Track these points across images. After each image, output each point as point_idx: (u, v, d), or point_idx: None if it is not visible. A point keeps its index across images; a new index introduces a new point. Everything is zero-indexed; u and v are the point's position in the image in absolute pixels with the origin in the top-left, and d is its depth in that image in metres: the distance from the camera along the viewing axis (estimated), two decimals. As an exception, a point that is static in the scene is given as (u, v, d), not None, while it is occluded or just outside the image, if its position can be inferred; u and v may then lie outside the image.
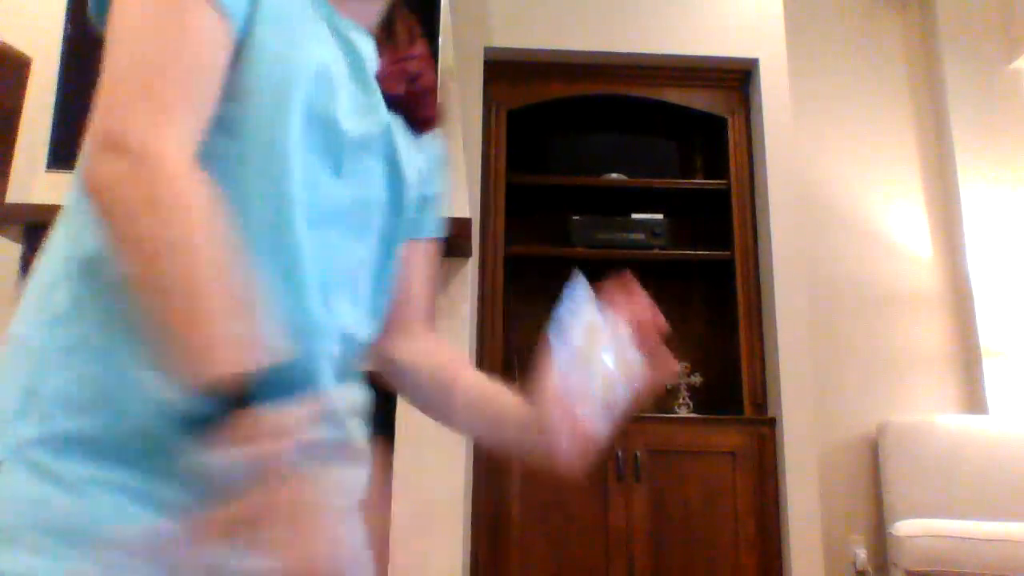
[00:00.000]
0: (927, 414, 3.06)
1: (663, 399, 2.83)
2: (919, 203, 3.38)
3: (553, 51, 2.85)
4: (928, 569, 2.35)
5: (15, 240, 2.40)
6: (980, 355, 3.11)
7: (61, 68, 2.43)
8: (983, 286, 3.17)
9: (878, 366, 3.18)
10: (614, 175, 2.85)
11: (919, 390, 3.16)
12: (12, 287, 2.44)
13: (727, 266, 2.78)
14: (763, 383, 2.66)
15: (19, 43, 2.58)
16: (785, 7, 2.92)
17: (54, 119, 2.40)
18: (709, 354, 2.89)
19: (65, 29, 2.44)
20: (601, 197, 2.96)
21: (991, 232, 3.25)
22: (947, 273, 3.29)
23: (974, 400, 3.13)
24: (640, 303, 0.68)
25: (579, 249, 2.79)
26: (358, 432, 0.69)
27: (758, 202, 2.81)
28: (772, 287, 2.67)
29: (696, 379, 2.77)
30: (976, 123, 3.35)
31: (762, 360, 2.67)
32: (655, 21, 2.89)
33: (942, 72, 3.41)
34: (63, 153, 2.38)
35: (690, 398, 2.76)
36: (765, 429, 2.55)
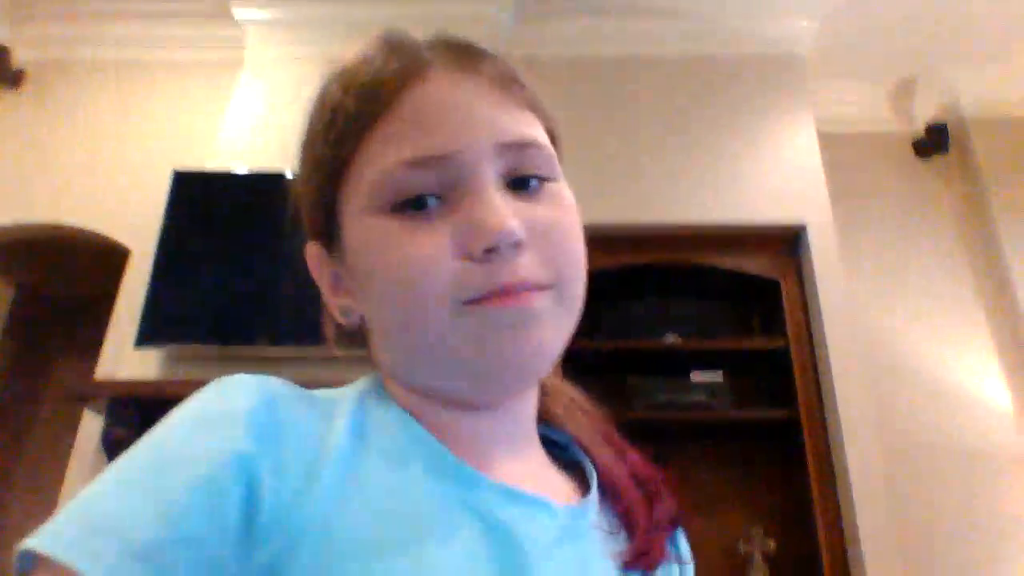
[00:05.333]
0: (1031, 585, 2.80)
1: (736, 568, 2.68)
2: (990, 352, 3.27)
3: (594, 226, 2.85)
4: None
5: (99, 413, 2.47)
6: (1080, 517, 2.88)
7: (156, 256, 2.63)
8: (1071, 441, 2.99)
9: (969, 532, 2.96)
10: (669, 338, 2.87)
11: (1018, 558, 2.91)
12: (91, 458, 2.52)
13: (791, 426, 2.71)
14: (843, 554, 2.49)
15: (121, 236, 2.87)
16: (827, 172, 3.03)
17: (146, 300, 2.54)
18: (779, 519, 2.76)
19: (163, 223, 2.68)
20: (658, 359, 2.96)
21: (1071, 382, 3.11)
22: (1030, 428, 3.12)
23: (1082, 568, 2.86)
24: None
25: (639, 413, 2.71)
26: None
27: (819, 360, 2.77)
28: (842, 444, 2.57)
29: (770, 545, 2.63)
30: (1034, 266, 3.30)
31: (839, 525, 2.52)
32: (700, 192, 2.99)
33: (991, 215, 3.41)
34: (150, 331, 2.51)
35: (765, 562, 2.59)
36: (850, 603, 2.37)
